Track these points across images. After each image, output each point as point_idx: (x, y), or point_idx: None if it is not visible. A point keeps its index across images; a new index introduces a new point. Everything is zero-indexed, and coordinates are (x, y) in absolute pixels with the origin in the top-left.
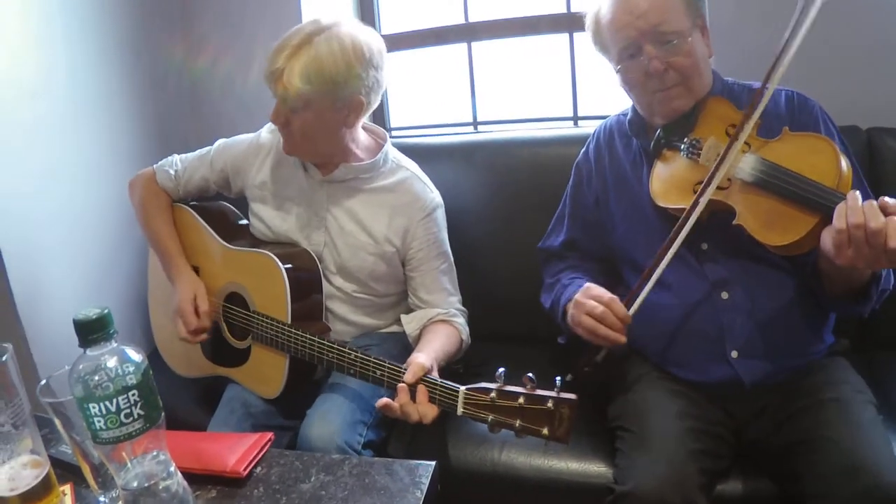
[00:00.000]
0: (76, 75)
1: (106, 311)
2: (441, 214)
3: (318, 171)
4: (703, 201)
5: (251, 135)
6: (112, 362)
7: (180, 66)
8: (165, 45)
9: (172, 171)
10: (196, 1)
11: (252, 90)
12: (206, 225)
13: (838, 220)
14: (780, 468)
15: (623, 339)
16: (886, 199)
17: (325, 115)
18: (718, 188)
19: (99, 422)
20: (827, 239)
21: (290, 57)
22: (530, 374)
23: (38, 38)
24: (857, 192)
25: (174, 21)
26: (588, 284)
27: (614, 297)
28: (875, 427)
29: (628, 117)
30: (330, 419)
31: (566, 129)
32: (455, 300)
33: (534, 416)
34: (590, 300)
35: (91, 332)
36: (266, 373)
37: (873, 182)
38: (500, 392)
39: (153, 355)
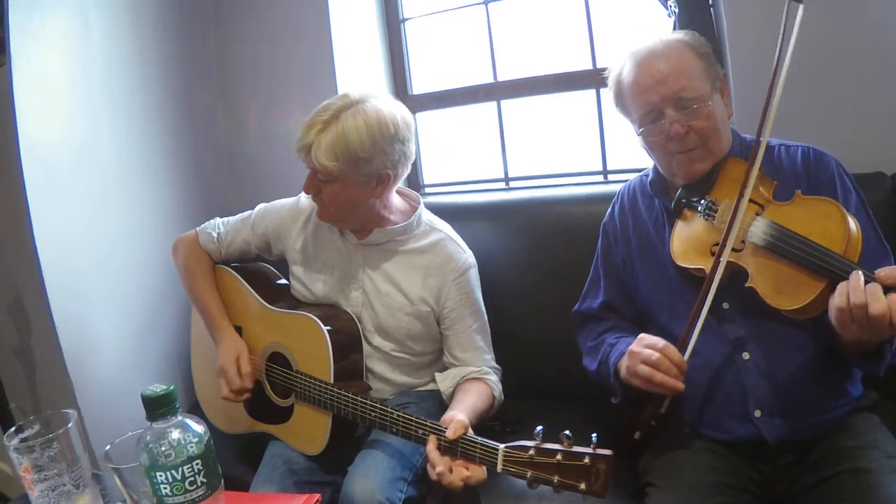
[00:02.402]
0: (120, 142)
1: (171, 388)
2: (474, 274)
3: (354, 235)
4: (723, 261)
5: (291, 200)
6: (176, 434)
7: (220, 132)
8: (206, 113)
9: (215, 234)
10: (235, 71)
11: (289, 156)
12: (248, 286)
13: (840, 299)
14: None
15: (681, 385)
16: (883, 272)
17: (353, 188)
18: (733, 250)
19: (165, 489)
20: (832, 314)
21: (319, 132)
22: (567, 432)
23: (85, 109)
24: (860, 273)
25: (214, 90)
26: (641, 335)
27: (668, 343)
28: None
29: (650, 178)
30: (371, 476)
31: (596, 188)
32: (489, 358)
33: (571, 472)
34: (645, 349)
35: (158, 406)
36: (309, 430)
37: None
38: (539, 449)
39: (195, 410)
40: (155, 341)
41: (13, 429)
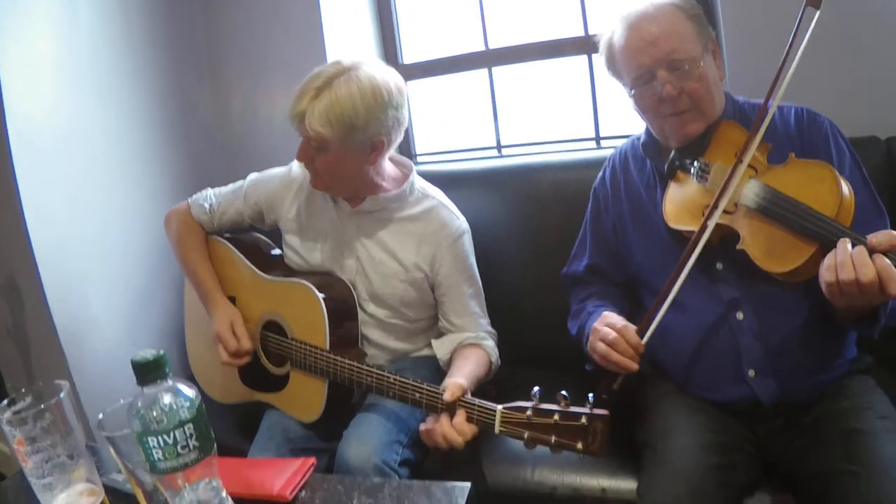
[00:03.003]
0: (109, 120)
1: (162, 352)
2: (468, 240)
3: (348, 203)
4: (710, 225)
5: (282, 169)
6: (168, 398)
7: (210, 105)
8: (195, 87)
9: (207, 205)
10: (223, 45)
11: (279, 126)
12: (242, 256)
13: (828, 273)
14: (807, 494)
15: (635, 366)
16: (874, 238)
17: (347, 155)
18: (725, 212)
19: (157, 453)
20: (822, 286)
21: (312, 99)
22: (564, 392)
23: (74, 87)
24: (847, 241)
25: (202, 63)
26: (606, 312)
27: (628, 324)
28: None
29: (642, 140)
30: (367, 440)
31: (589, 153)
32: (485, 322)
33: (568, 432)
34: (604, 327)
35: (148, 371)
36: (305, 397)
37: (894, 192)
38: (536, 410)
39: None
40: (149, 316)
41: (5, 402)
